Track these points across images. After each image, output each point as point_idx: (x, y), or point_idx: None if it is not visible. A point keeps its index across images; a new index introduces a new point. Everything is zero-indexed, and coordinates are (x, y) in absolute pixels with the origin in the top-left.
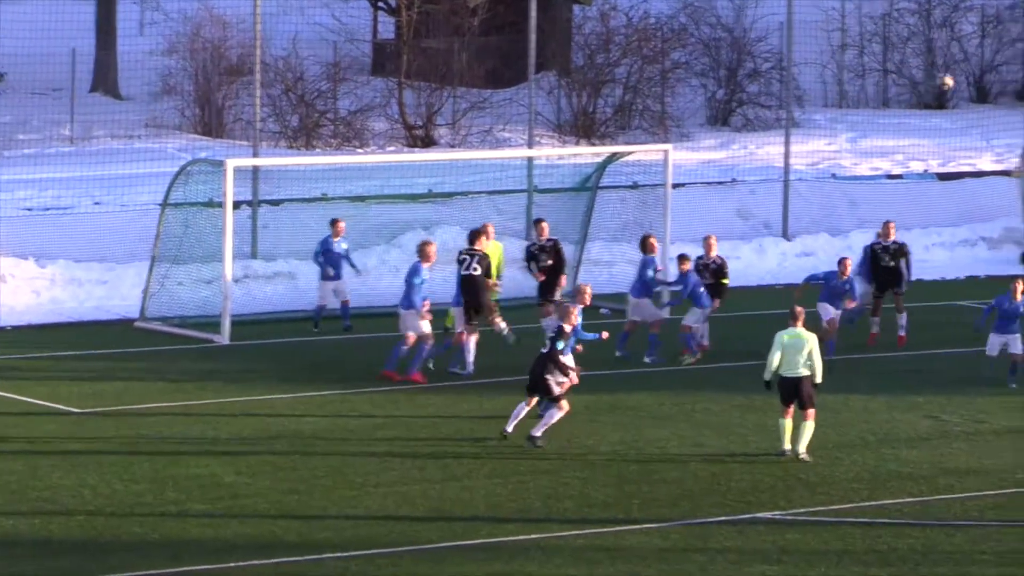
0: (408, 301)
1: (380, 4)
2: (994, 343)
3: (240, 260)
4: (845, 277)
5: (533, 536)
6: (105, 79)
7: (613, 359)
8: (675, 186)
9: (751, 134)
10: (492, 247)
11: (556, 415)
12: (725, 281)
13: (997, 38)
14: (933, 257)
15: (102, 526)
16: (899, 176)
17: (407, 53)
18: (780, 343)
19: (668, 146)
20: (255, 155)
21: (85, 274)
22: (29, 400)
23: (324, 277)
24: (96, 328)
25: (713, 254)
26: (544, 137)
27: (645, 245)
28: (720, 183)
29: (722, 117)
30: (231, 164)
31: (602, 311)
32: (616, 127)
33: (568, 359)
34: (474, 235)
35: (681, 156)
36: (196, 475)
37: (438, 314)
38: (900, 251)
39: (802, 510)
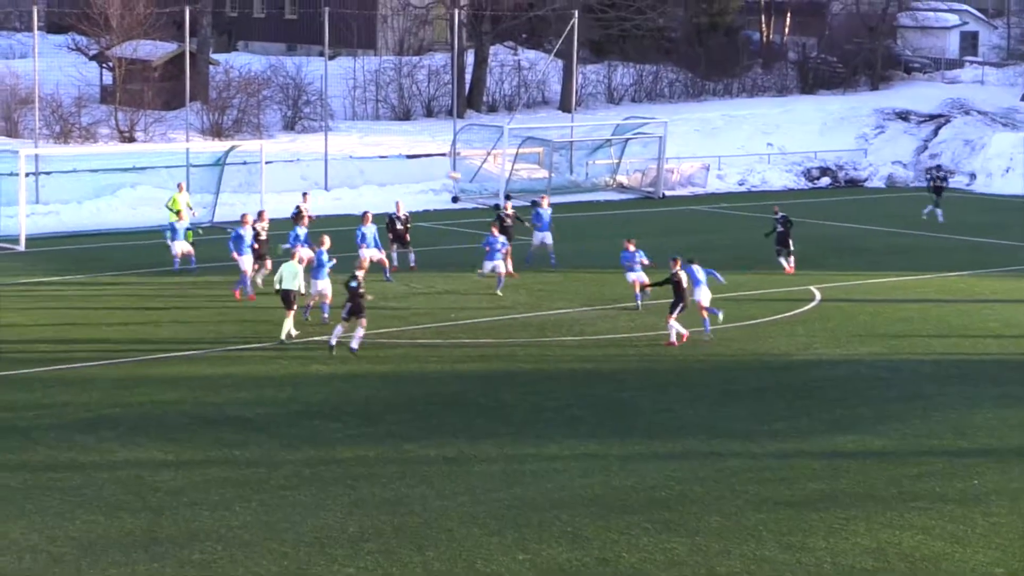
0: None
1: (103, 65)
2: (629, 277)
3: (30, 204)
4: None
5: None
6: None
7: None
8: (267, 163)
9: (308, 135)
10: (183, 195)
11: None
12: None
13: (437, 81)
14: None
15: None
16: (386, 156)
17: (119, 91)
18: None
19: (263, 141)
20: (36, 147)
21: None
22: None
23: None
24: None
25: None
26: (196, 137)
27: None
28: (291, 161)
29: (291, 125)
30: (23, 152)
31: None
32: (234, 131)
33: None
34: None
35: (270, 147)
36: (7, 321)
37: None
38: (407, 222)
39: (322, 337)
